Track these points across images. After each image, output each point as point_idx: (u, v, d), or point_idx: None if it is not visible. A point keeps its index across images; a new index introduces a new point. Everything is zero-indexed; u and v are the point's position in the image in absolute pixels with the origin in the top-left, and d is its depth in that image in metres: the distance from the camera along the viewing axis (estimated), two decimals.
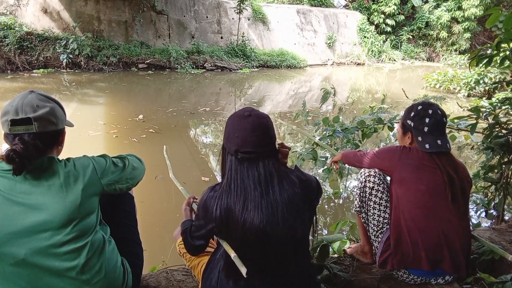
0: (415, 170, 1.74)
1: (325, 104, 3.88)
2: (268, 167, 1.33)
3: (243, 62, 14.26)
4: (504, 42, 2.25)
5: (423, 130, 1.78)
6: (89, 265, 1.30)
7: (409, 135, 1.86)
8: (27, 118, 1.28)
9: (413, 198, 1.73)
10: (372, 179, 1.92)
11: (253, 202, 1.29)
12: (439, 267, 1.74)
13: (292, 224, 1.33)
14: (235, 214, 1.29)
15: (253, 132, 1.32)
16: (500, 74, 9.53)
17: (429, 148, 1.75)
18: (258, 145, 1.32)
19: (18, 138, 1.26)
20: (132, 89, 10.27)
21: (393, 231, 1.79)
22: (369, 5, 19.97)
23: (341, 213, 4.17)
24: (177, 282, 1.86)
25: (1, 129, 1.32)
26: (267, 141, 1.34)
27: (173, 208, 3.87)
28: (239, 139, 1.32)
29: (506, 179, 2.62)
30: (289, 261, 1.36)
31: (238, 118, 1.35)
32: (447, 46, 20.43)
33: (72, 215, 1.27)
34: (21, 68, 10.71)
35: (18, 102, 1.30)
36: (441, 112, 1.80)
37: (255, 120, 1.34)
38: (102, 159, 1.45)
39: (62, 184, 1.28)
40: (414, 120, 1.82)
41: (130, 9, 12.90)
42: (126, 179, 1.51)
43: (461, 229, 1.74)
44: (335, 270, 1.91)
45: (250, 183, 1.30)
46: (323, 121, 3.14)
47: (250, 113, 1.35)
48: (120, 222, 1.61)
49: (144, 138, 5.96)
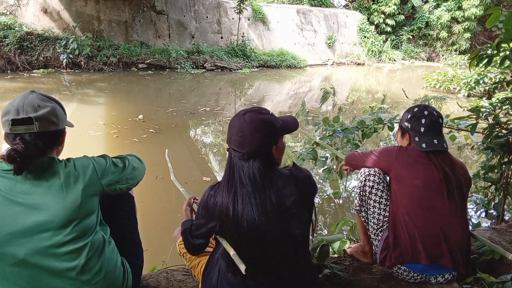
0: (411, 167, 1.81)
1: (325, 104, 3.88)
2: (263, 166, 1.33)
3: (243, 62, 14.26)
4: (504, 42, 2.25)
5: (420, 131, 1.85)
6: (89, 265, 1.30)
7: (407, 136, 1.93)
8: (28, 117, 1.28)
9: (409, 193, 1.78)
10: (372, 178, 1.93)
11: (250, 201, 1.29)
12: (438, 261, 1.75)
13: (289, 224, 1.34)
14: (234, 212, 1.29)
15: (252, 131, 1.32)
16: (500, 74, 9.53)
17: (425, 147, 1.81)
18: (256, 145, 1.33)
19: (19, 138, 1.26)
20: (132, 89, 10.28)
21: (391, 226, 1.82)
22: (369, 5, 19.97)
23: (341, 213, 4.17)
24: (177, 282, 1.86)
25: (1, 129, 1.32)
26: (265, 140, 1.34)
27: (173, 208, 3.87)
28: (238, 138, 1.33)
29: (506, 179, 2.62)
30: (289, 260, 1.36)
31: (238, 119, 1.37)
32: (447, 46, 20.43)
33: (72, 215, 1.27)
34: (21, 68, 10.71)
35: (19, 102, 1.30)
36: (437, 113, 1.87)
37: (253, 120, 1.34)
38: (102, 159, 1.45)
39: (62, 184, 1.28)
40: (411, 122, 1.89)
41: (130, 9, 12.91)
42: (126, 179, 1.51)
43: (458, 226, 1.76)
44: (335, 270, 1.91)
45: (247, 182, 1.31)
46: (323, 121, 3.14)
47: (246, 112, 1.37)
48: (120, 222, 1.61)
49: (145, 138, 5.96)
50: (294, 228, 1.35)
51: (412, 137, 1.88)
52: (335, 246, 2.30)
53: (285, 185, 1.34)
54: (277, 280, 1.36)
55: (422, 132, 1.84)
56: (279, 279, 1.36)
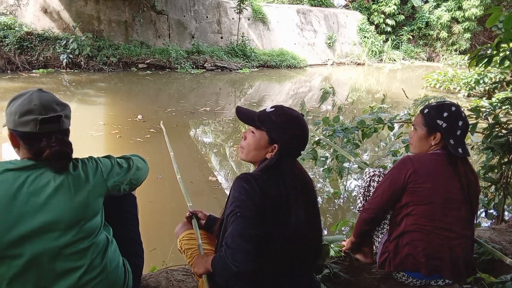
0: (429, 181, 1.69)
1: (325, 104, 3.89)
2: (300, 166, 1.42)
3: (243, 62, 14.25)
4: (504, 42, 2.25)
5: (456, 133, 1.71)
6: (93, 265, 1.30)
7: (437, 136, 1.75)
8: (58, 115, 1.28)
9: (423, 210, 1.69)
10: (376, 179, 1.92)
11: (297, 199, 1.33)
12: (438, 272, 1.72)
13: (318, 222, 1.44)
14: (283, 205, 1.31)
15: (307, 134, 1.41)
16: (500, 74, 9.52)
17: (462, 153, 1.70)
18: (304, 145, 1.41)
19: (54, 137, 1.26)
20: (132, 89, 10.27)
21: (394, 234, 1.78)
22: (369, 5, 19.96)
23: (341, 213, 4.17)
24: (177, 282, 1.86)
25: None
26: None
27: (174, 207, 3.87)
28: (302, 138, 1.39)
29: (506, 179, 2.62)
30: (310, 261, 1.42)
31: (296, 117, 1.39)
32: (447, 46, 20.42)
33: (80, 216, 1.26)
34: (21, 68, 10.70)
35: (40, 100, 1.27)
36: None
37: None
38: (107, 160, 1.44)
39: (71, 185, 1.27)
40: (448, 121, 1.72)
41: (130, 9, 12.89)
42: (131, 179, 1.51)
43: (466, 237, 1.73)
44: (335, 270, 1.91)
45: (291, 181, 1.35)
46: (323, 121, 3.14)
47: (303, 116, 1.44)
48: (122, 222, 1.60)
49: (148, 138, 5.96)
50: (320, 228, 1.45)
51: (445, 138, 1.72)
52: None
53: (312, 185, 1.48)
54: (283, 281, 1.35)
55: (458, 135, 1.70)
56: (285, 280, 1.36)
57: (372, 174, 1.96)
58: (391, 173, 1.81)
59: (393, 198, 1.79)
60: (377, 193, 1.84)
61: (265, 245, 1.26)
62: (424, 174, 1.70)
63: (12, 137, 1.29)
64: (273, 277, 1.32)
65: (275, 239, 1.28)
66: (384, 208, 1.83)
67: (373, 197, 1.86)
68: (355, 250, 2.11)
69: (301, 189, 1.35)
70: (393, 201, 1.80)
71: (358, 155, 3.14)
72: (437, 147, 1.77)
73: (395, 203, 1.80)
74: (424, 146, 1.81)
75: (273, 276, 1.32)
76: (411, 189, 1.72)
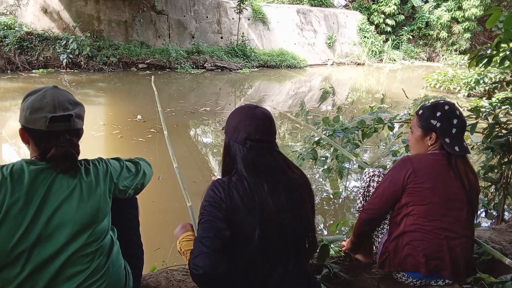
0: (429, 181, 1.68)
1: (325, 104, 3.89)
2: (280, 156, 1.37)
3: (243, 62, 14.25)
4: (503, 42, 2.25)
5: (451, 132, 1.70)
6: (98, 267, 1.30)
7: (432, 136, 1.75)
8: (69, 114, 1.24)
9: (423, 210, 1.69)
10: (376, 179, 1.92)
11: (267, 191, 1.28)
12: (437, 273, 1.72)
13: (308, 216, 1.38)
14: (255, 200, 1.26)
15: (264, 120, 1.36)
16: (500, 74, 9.53)
17: (459, 151, 1.70)
18: (269, 134, 1.36)
19: (63, 137, 1.23)
20: (132, 89, 10.27)
21: (394, 234, 1.78)
22: (369, 5, 19.96)
23: (341, 213, 4.17)
24: (177, 282, 1.86)
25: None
26: (274, 132, 1.39)
27: (174, 208, 3.87)
28: (251, 126, 1.33)
29: (506, 179, 2.63)
30: (302, 255, 1.37)
31: (247, 108, 1.39)
32: (447, 46, 20.42)
33: (92, 219, 1.26)
34: (21, 68, 10.70)
35: (52, 97, 1.24)
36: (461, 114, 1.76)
37: (264, 111, 1.39)
38: (117, 163, 1.44)
39: (84, 188, 1.26)
40: (441, 120, 1.72)
41: (130, 9, 12.89)
42: (137, 184, 1.51)
43: (466, 238, 1.72)
44: (335, 270, 1.91)
45: (263, 172, 1.31)
46: (323, 121, 3.14)
47: (257, 106, 1.41)
48: (125, 224, 1.60)
49: (149, 138, 5.95)
50: (310, 222, 1.41)
51: (441, 137, 1.72)
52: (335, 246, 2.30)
53: (299, 179, 1.41)
54: (277, 275, 1.32)
55: (454, 134, 1.70)
56: (279, 274, 1.32)
57: (372, 174, 1.96)
58: (391, 173, 1.80)
59: (393, 198, 1.79)
60: (376, 193, 1.85)
61: (244, 243, 1.26)
62: (424, 174, 1.70)
63: (22, 132, 1.27)
64: (265, 271, 1.30)
65: (257, 233, 1.25)
66: (384, 208, 1.83)
67: (373, 198, 1.86)
68: (355, 250, 2.12)
69: (279, 179, 1.32)
70: (393, 201, 1.80)
71: (358, 155, 3.14)
72: (435, 147, 1.76)
73: (395, 203, 1.80)
74: (422, 147, 1.81)
75: (265, 270, 1.30)
76: (411, 189, 1.72)
